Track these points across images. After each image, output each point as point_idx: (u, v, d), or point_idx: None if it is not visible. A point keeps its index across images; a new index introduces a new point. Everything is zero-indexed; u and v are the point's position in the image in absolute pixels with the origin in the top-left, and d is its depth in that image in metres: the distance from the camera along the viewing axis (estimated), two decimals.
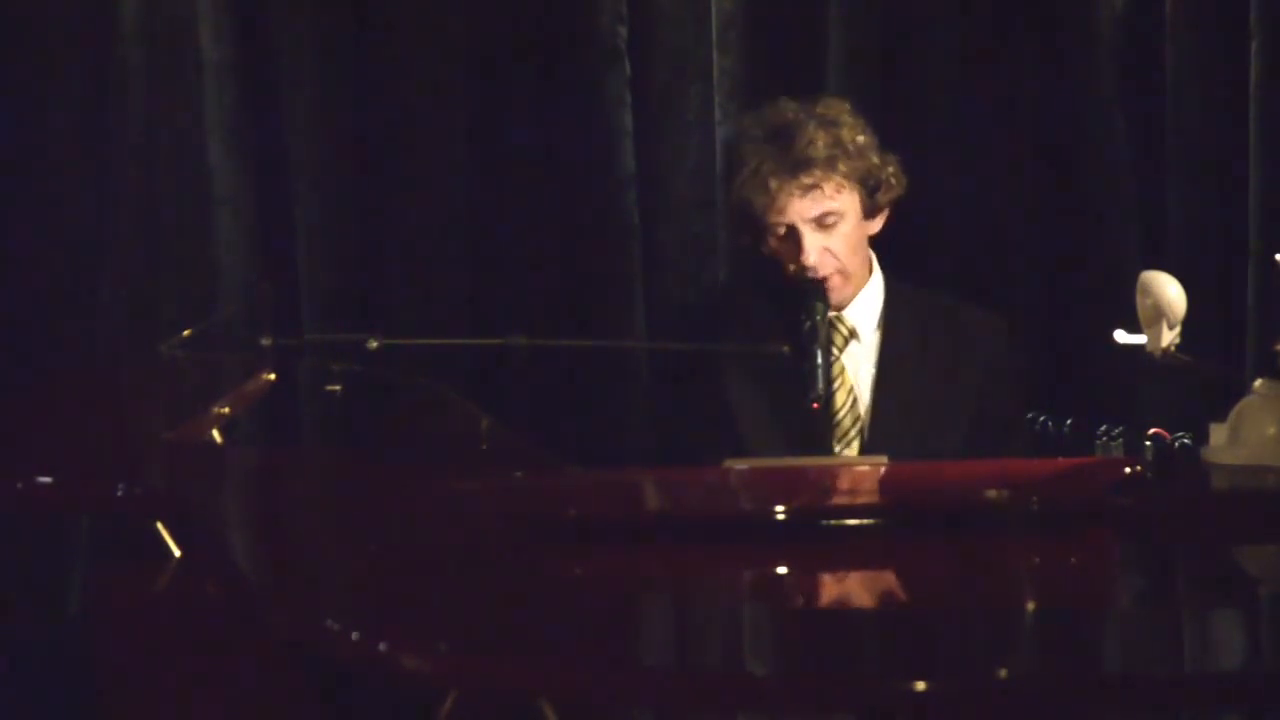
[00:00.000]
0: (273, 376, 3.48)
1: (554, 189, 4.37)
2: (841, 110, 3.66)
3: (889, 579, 2.61)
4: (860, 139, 3.61)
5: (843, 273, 3.62)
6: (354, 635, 1.99)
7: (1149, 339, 3.08)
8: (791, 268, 3.61)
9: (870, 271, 3.71)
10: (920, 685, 1.86)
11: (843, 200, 3.60)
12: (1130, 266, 4.09)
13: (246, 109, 4.33)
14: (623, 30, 4.35)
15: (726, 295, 4.28)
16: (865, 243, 3.67)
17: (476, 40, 4.36)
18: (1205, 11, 4.34)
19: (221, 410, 3.19)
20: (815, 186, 3.57)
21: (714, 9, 4.37)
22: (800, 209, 3.58)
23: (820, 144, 3.57)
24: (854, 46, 4.38)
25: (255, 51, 4.32)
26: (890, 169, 3.64)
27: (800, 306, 3.56)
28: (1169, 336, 3.06)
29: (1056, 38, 4.40)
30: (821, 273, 3.59)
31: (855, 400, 3.65)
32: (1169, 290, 3.05)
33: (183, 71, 4.29)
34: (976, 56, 4.39)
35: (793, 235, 3.59)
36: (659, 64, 4.38)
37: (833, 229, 3.60)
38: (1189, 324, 3.07)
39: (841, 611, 2.40)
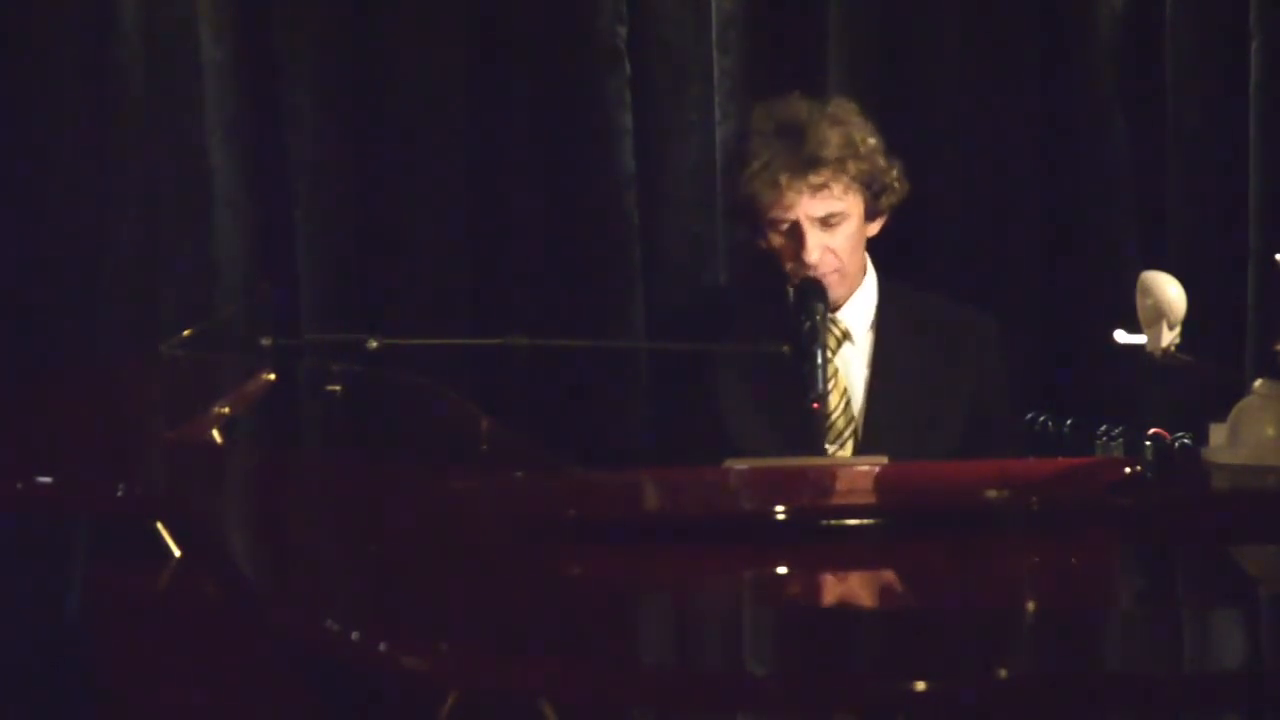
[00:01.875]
0: (273, 376, 3.48)
1: (554, 189, 4.37)
2: (851, 111, 3.67)
3: (889, 579, 2.61)
4: (870, 141, 3.63)
5: (840, 271, 3.63)
6: (354, 635, 1.99)
7: (1149, 339, 3.08)
8: (789, 265, 3.62)
9: (864, 273, 3.72)
10: (920, 685, 1.86)
11: (849, 202, 3.61)
12: (1130, 266, 4.09)
13: (246, 109, 4.32)
14: (623, 30, 4.35)
15: (723, 295, 4.27)
16: (863, 245, 3.68)
17: (476, 40, 4.36)
18: (1205, 11, 4.34)
19: (221, 410, 3.18)
20: (824, 186, 3.59)
21: (714, 9, 4.37)
22: (807, 207, 3.59)
23: (833, 144, 3.58)
24: (854, 46, 4.38)
25: (255, 51, 4.32)
26: (894, 173, 3.66)
27: (799, 307, 3.57)
28: (1169, 336, 3.06)
29: (1056, 37, 4.40)
30: (821, 271, 3.60)
31: (849, 401, 3.65)
32: (1169, 290, 3.04)
33: (183, 71, 4.29)
34: (977, 56, 4.39)
35: (795, 232, 3.60)
36: (659, 64, 4.38)
37: (836, 228, 3.61)
38: (1189, 324, 3.07)
39: (841, 611, 2.40)
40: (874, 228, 3.69)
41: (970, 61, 4.39)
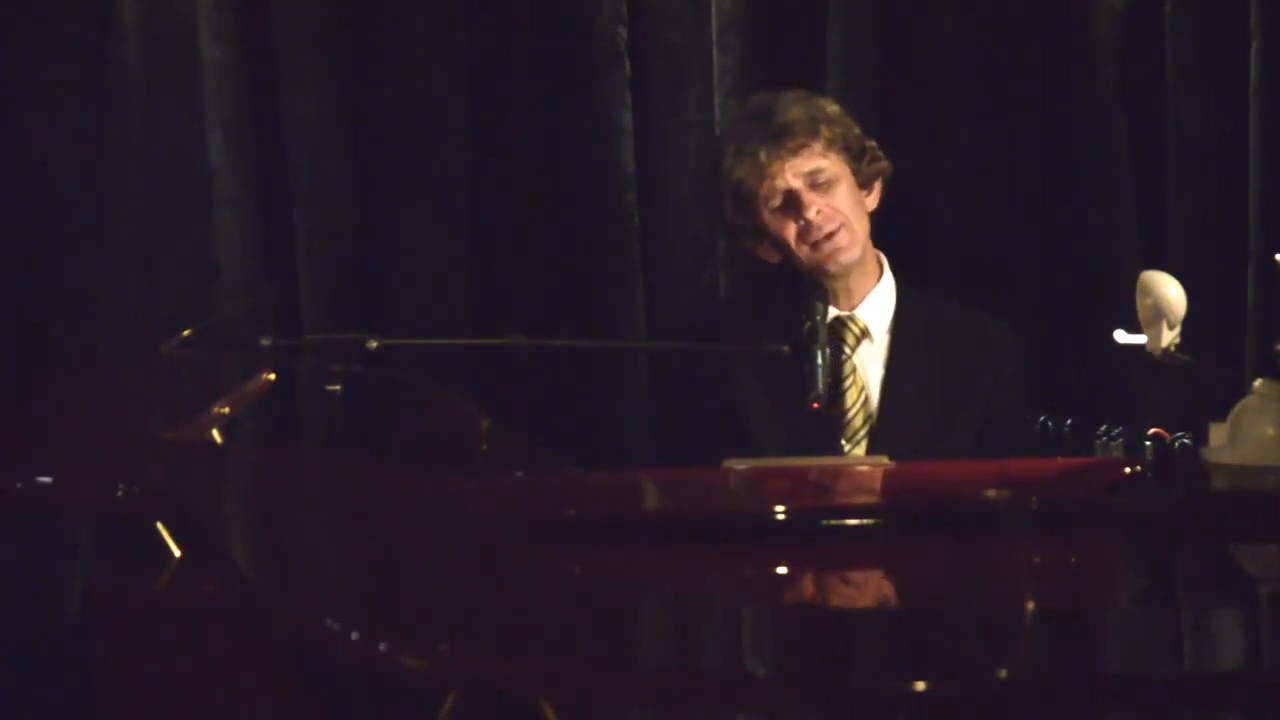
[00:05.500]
0: (273, 376, 3.48)
1: (554, 189, 4.37)
2: (812, 93, 3.77)
3: (889, 579, 2.61)
4: (834, 108, 3.73)
5: (848, 227, 3.64)
6: (354, 635, 1.99)
7: (1149, 339, 3.08)
8: (792, 233, 3.63)
9: (881, 271, 3.73)
10: (920, 685, 1.86)
11: (831, 160, 3.65)
12: (1130, 266, 4.09)
13: (246, 109, 4.32)
14: (623, 30, 4.35)
15: (729, 305, 4.29)
16: (866, 214, 3.69)
17: (476, 40, 4.36)
18: (1205, 11, 4.33)
19: (221, 410, 3.19)
20: (803, 147, 3.64)
21: (714, 9, 4.37)
22: (793, 168, 3.63)
23: (799, 111, 3.67)
24: (854, 46, 4.38)
25: (255, 51, 4.32)
26: (872, 143, 3.70)
27: (799, 307, 3.58)
28: (1169, 336, 3.06)
29: (1056, 37, 4.40)
30: (826, 228, 3.62)
31: (866, 399, 3.66)
32: (1169, 290, 3.05)
33: (183, 71, 4.29)
34: (976, 56, 4.39)
35: (791, 200, 3.64)
36: (659, 64, 4.38)
37: (829, 189, 3.64)
38: (1189, 324, 3.07)
39: (841, 611, 2.40)
40: (871, 200, 3.72)
41: (970, 61, 4.39)
